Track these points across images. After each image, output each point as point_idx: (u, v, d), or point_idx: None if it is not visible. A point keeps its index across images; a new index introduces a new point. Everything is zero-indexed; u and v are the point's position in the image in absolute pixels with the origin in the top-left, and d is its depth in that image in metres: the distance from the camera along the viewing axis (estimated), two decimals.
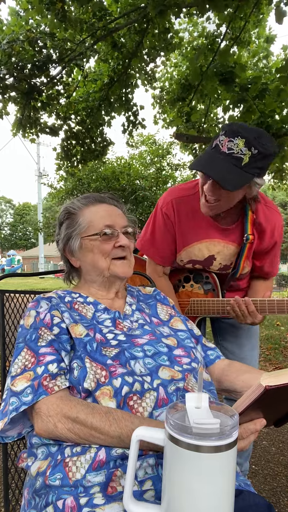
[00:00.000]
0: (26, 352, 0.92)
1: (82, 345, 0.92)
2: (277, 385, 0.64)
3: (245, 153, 1.26)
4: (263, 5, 5.13)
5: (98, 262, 1.07)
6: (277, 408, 0.79)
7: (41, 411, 0.83)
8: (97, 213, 1.10)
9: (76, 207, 1.13)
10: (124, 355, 0.92)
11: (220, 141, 1.31)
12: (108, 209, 1.12)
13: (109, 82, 5.67)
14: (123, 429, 0.78)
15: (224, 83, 4.61)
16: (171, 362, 0.95)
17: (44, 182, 13.68)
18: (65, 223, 1.13)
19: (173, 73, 6.94)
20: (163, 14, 3.60)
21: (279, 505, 1.87)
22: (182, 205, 1.56)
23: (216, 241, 1.57)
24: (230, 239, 1.56)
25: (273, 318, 7.95)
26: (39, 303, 1.03)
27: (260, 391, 0.65)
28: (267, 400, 0.69)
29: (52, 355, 0.90)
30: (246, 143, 1.25)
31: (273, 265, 1.67)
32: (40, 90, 5.08)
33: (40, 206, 34.31)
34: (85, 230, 1.08)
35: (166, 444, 0.61)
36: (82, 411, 0.81)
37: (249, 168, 1.28)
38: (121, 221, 1.10)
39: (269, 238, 1.55)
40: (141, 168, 14.65)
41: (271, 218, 1.53)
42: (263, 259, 1.62)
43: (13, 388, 0.87)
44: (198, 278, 1.70)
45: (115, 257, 1.07)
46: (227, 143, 1.28)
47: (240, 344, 1.75)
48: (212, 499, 0.57)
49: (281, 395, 0.71)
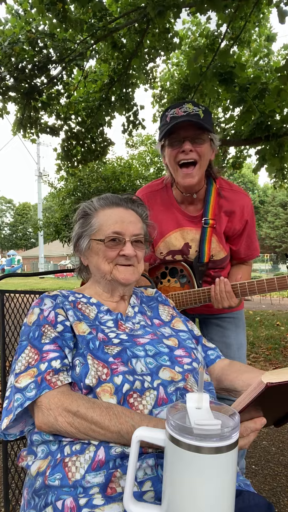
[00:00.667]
0: (30, 349, 0.93)
1: (85, 342, 0.93)
2: (278, 382, 0.64)
3: (198, 110, 1.44)
4: (263, 5, 5.13)
5: (101, 265, 1.07)
6: (277, 407, 0.79)
7: (42, 404, 0.84)
8: (110, 218, 1.08)
9: (92, 207, 1.12)
10: (126, 354, 0.92)
11: (172, 113, 1.46)
12: (122, 214, 1.09)
13: (109, 82, 5.67)
14: (122, 424, 0.78)
15: (224, 83, 4.61)
16: (172, 362, 0.95)
17: (44, 181, 13.66)
18: (80, 222, 1.13)
19: (174, 72, 6.95)
20: (162, 14, 3.59)
21: (279, 505, 1.86)
22: (152, 199, 1.64)
23: (188, 229, 1.63)
24: (200, 226, 1.62)
25: (273, 318, 7.95)
26: (43, 301, 1.03)
27: (261, 388, 0.65)
28: (268, 398, 0.69)
29: (56, 352, 0.90)
30: (193, 104, 1.46)
31: (250, 247, 1.69)
32: (40, 90, 5.07)
33: (40, 206, 34.32)
34: (94, 233, 1.08)
35: (167, 445, 0.61)
36: (83, 405, 0.81)
37: (206, 121, 1.45)
38: (132, 228, 1.07)
39: (239, 218, 1.60)
40: (141, 168, 14.64)
41: (238, 199, 1.61)
42: (238, 242, 1.66)
43: (17, 385, 0.87)
44: (174, 273, 1.72)
45: (119, 263, 1.07)
46: (179, 110, 1.45)
47: (228, 344, 1.76)
48: (213, 500, 0.57)
49: (282, 394, 0.71)
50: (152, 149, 14.91)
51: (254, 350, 5.03)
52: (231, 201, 1.59)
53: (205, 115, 1.45)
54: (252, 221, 1.65)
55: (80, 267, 1.18)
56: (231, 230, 1.62)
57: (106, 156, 7.09)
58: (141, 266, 1.11)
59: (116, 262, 1.06)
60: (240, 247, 1.67)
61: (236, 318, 1.79)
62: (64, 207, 12.17)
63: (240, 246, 1.67)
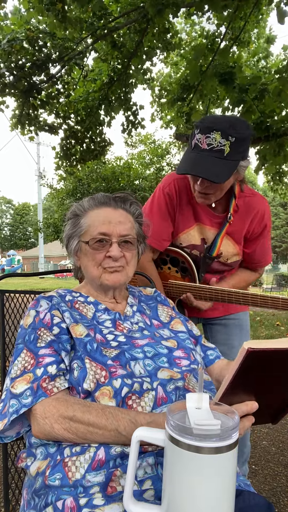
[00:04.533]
0: (26, 353, 0.92)
1: (82, 345, 0.92)
2: (260, 348, 0.64)
3: (224, 144, 1.31)
4: (263, 5, 5.13)
5: (90, 268, 1.06)
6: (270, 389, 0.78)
7: (37, 413, 0.83)
8: (97, 218, 1.06)
9: (82, 207, 1.11)
10: (125, 356, 0.92)
11: (198, 139, 1.35)
12: (110, 214, 1.07)
13: (108, 82, 5.67)
14: (119, 421, 0.78)
15: (224, 83, 4.61)
16: (170, 364, 0.95)
17: (44, 184, 13.64)
18: (70, 222, 1.12)
19: (171, 72, 6.95)
20: (162, 13, 3.59)
21: (279, 505, 1.86)
22: (183, 185, 1.58)
23: (206, 228, 1.61)
24: (217, 227, 1.61)
25: (273, 318, 7.96)
26: (39, 302, 1.02)
27: (243, 354, 0.64)
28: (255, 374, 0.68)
29: (51, 356, 0.90)
30: (222, 134, 1.31)
31: (264, 253, 1.69)
32: (39, 89, 5.07)
33: (40, 206, 34.28)
34: (83, 234, 1.07)
35: (167, 445, 0.61)
36: (78, 409, 0.81)
37: (232, 156, 1.33)
38: (120, 229, 1.04)
39: (259, 221, 1.60)
40: (141, 168, 14.63)
41: (260, 203, 1.60)
42: (253, 244, 1.65)
43: (13, 390, 0.87)
44: (175, 262, 1.70)
45: (107, 267, 1.04)
46: (204, 140, 1.33)
47: (231, 346, 1.75)
48: (213, 500, 0.57)
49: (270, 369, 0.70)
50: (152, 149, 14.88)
51: None
52: (253, 202, 1.59)
53: (232, 148, 1.32)
54: (269, 227, 1.64)
55: (76, 268, 1.17)
56: (250, 232, 1.61)
57: (105, 156, 7.09)
58: (131, 268, 1.09)
59: (104, 265, 1.04)
60: (255, 250, 1.66)
61: (240, 319, 1.78)
62: (63, 207, 12.18)
63: (255, 249, 1.66)
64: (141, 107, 6.11)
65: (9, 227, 60.84)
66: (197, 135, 1.35)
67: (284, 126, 4.71)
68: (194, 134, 1.37)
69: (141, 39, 4.95)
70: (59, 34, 4.73)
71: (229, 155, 1.32)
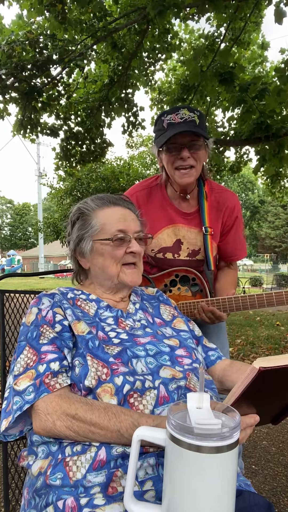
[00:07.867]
0: (28, 350, 0.92)
1: (84, 342, 0.92)
2: (271, 367, 0.64)
3: (194, 116, 1.49)
4: (263, 5, 5.14)
5: (108, 267, 1.06)
6: (270, 401, 0.78)
7: (39, 409, 0.83)
8: (111, 217, 1.08)
9: (89, 207, 1.10)
10: (127, 354, 0.92)
11: (169, 119, 1.50)
12: (122, 213, 1.09)
13: (109, 83, 5.68)
14: (122, 422, 0.78)
15: (224, 83, 4.61)
16: (172, 362, 0.95)
17: (43, 183, 13.63)
18: (78, 224, 1.11)
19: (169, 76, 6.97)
20: (162, 14, 3.59)
21: (279, 505, 1.87)
22: (144, 197, 1.68)
23: (180, 226, 1.66)
24: (192, 224, 1.66)
25: (273, 318, 7.96)
26: (41, 300, 1.02)
27: (254, 373, 0.64)
28: (261, 387, 0.68)
29: (54, 353, 0.90)
30: (188, 110, 1.49)
31: (237, 245, 1.72)
32: (40, 91, 5.07)
33: (40, 206, 34.29)
34: (97, 233, 1.07)
35: (167, 444, 0.61)
36: (81, 408, 0.81)
37: (202, 127, 1.50)
38: (134, 226, 1.09)
39: (230, 214, 1.67)
40: (141, 168, 14.63)
41: (229, 197, 1.68)
42: (226, 236, 1.69)
43: (16, 387, 0.87)
44: (185, 281, 1.70)
45: (125, 262, 1.07)
46: (175, 116, 1.49)
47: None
48: (213, 500, 0.57)
49: (275, 384, 0.70)
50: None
51: (254, 350, 5.03)
52: (223, 199, 1.66)
53: (200, 120, 1.49)
54: (241, 219, 1.71)
55: (77, 271, 1.16)
56: (223, 225, 1.67)
57: (105, 157, 7.09)
58: (141, 266, 1.11)
59: (123, 261, 1.06)
60: (228, 243, 1.71)
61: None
62: (63, 207, 12.16)
63: (228, 242, 1.70)
64: (141, 108, 6.12)
65: (9, 227, 60.84)
66: (167, 117, 1.50)
67: (284, 127, 4.71)
68: (163, 119, 1.52)
69: (141, 40, 4.96)
70: (60, 36, 4.74)
71: (200, 126, 1.49)
